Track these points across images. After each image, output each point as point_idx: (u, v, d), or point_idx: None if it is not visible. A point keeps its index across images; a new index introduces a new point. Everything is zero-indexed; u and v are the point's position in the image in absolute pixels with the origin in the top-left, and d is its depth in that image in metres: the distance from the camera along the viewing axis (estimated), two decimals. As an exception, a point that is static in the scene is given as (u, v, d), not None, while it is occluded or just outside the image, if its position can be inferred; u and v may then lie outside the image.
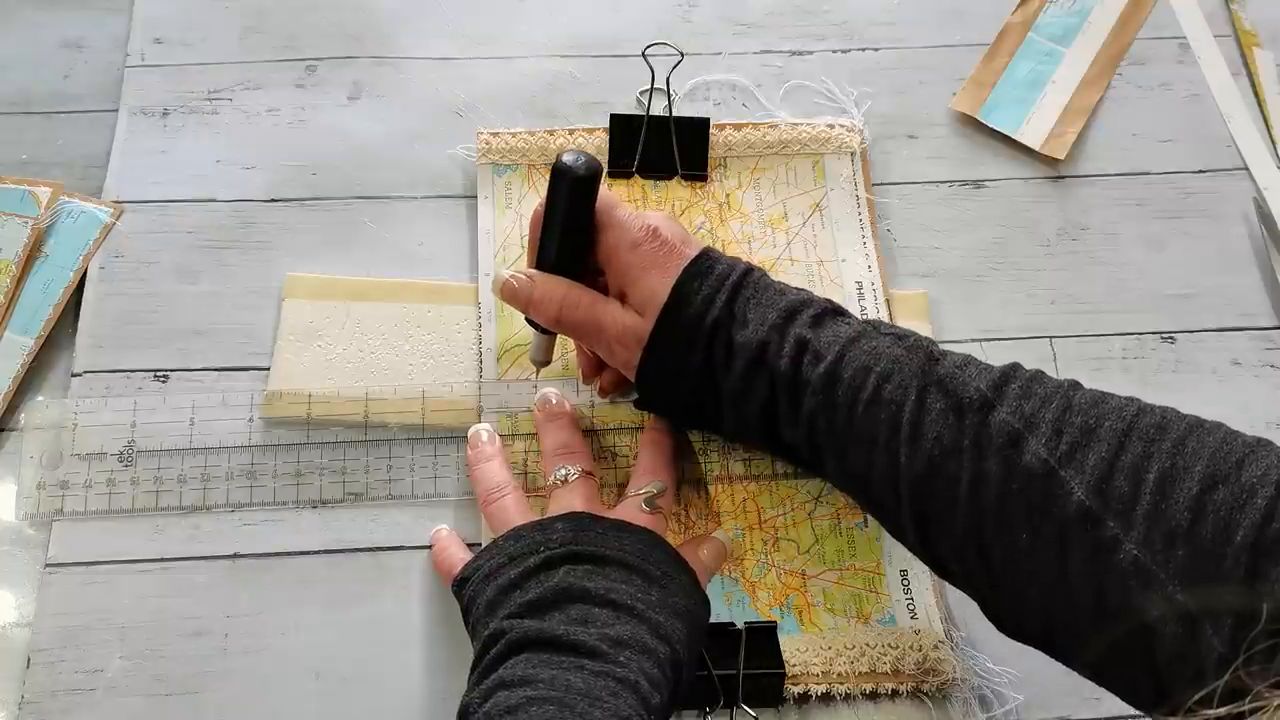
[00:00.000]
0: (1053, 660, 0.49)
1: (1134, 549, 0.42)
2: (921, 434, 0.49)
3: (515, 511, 0.58)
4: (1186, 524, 0.42)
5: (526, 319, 0.61)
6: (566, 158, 0.57)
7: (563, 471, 0.59)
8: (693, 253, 0.57)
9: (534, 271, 0.59)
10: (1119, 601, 0.43)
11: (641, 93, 0.73)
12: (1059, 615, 0.46)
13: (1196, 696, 0.35)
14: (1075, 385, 0.49)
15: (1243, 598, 0.39)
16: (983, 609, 0.51)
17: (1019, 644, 0.50)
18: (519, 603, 0.51)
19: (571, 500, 0.57)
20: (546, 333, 0.61)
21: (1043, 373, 0.50)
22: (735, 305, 0.56)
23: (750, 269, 0.57)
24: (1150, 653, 0.42)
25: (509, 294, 0.59)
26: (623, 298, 0.58)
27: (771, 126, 0.74)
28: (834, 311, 0.56)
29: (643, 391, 0.60)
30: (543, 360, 0.63)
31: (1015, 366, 0.51)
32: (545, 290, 0.58)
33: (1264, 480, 0.42)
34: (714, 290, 0.56)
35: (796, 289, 0.57)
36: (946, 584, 0.60)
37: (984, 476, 0.47)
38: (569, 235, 0.58)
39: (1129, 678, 0.45)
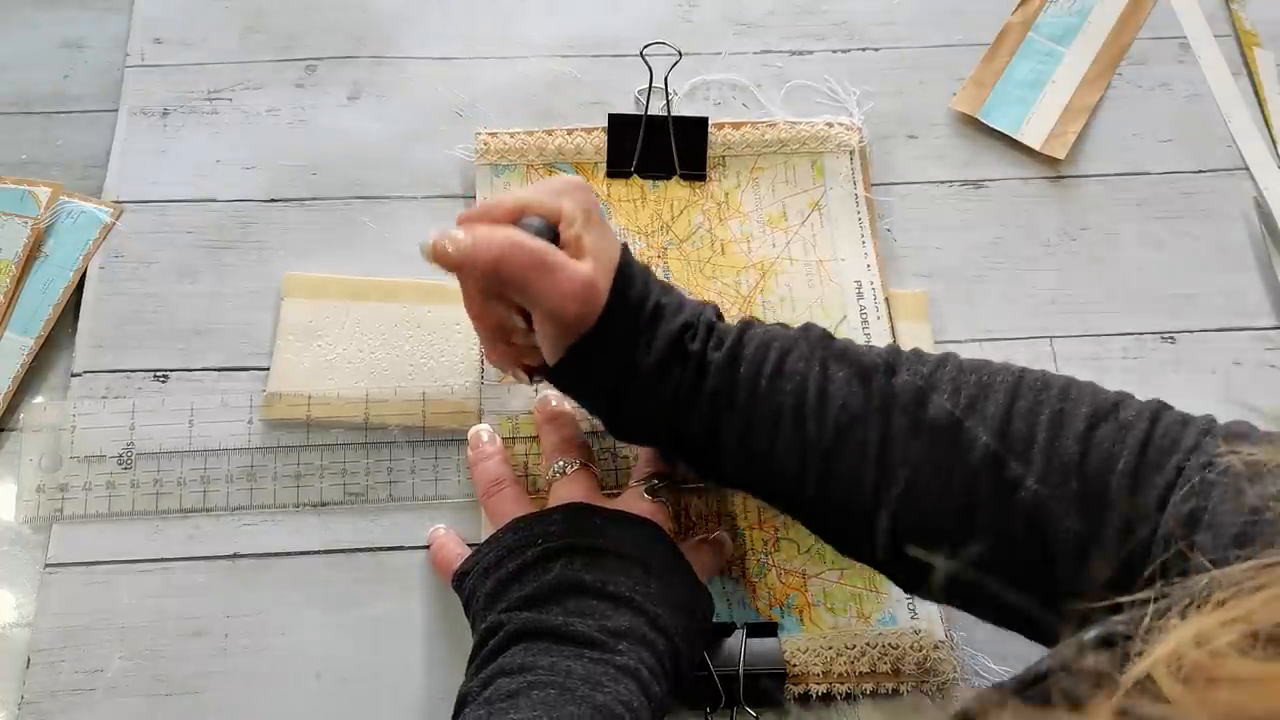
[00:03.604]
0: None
1: (1034, 484, 0.46)
2: (828, 401, 0.50)
3: (514, 504, 0.58)
4: (1077, 457, 0.46)
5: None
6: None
7: (560, 463, 0.59)
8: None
9: (467, 225, 0.52)
10: (1029, 537, 0.46)
11: (639, 91, 0.73)
12: (970, 568, 0.47)
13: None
14: (955, 354, 0.52)
15: (1125, 520, 0.44)
16: (893, 578, 0.53)
17: (1020, 644, 0.50)
18: (517, 596, 0.51)
19: (571, 492, 0.57)
20: (531, 383, 0.59)
21: (919, 350, 0.52)
22: (663, 297, 0.54)
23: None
24: (1052, 578, 0.45)
25: (440, 256, 0.50)
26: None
27: (770, 125, 0.74)
28: (719, 312, 0.56)
29: (569, 364, 0.53)
30: (504, 374, 0.61)
31: (895, 346, 0.53)
32: (487, 233, 0.50)
33: (1138, 417, 0.47)
34: (647, 275, 0.54)
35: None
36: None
37: (891, 434, 0.49)
38: None
39: (1045, 613, 0.46)
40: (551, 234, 0.52)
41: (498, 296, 0.53)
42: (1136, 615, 0.34)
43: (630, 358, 0.52)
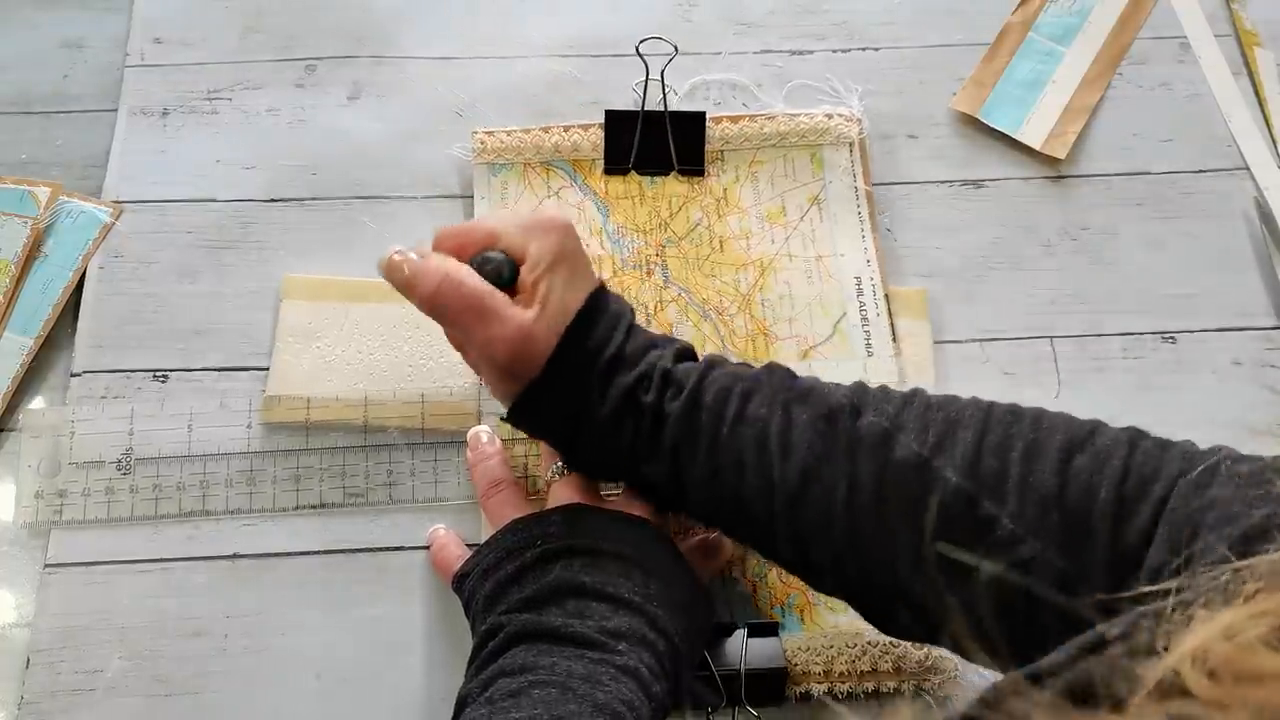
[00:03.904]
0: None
1: (1009, 524, 0.44)
2: (792, 446, 0.49)
3: (513, 505, 0.58)
4: (1056, 490, 0.44)
5: None
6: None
7: (560, 465, 0.59)
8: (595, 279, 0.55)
9: (424, 250, 0.54)
10: (1000, 575, 0.44)
11: (636, 84, 0.73)
12: (942, 614, 0.46)
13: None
14: (922, 391, 0.50)
15: (1111, 552, 0.42)
16: (863, 614, 0.51)
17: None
18: (517, 597, 0.51)
19: (570, 493, 0.57)
20: None
21: (886, 387, 0.51)
22: (625, 347, 0.53)
23: (631, 311, 0.55)
24: (1035, 614, 0.43)
25: (392, 271, 0.53)
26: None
27: (769, 118, 0.73)
28: (688, 352, 0.55)
29: (517, 407, 0.54)
30: None
31: (862, 384, 0.52)
32: (425, 266, 0.52)
33: (1115, 444, 0.45)
34: (616, 321, 0.54)
35: (660, 334, 0.56)
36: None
37: (859, 478, 0.48)
38: None
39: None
40: (513, 271, 0.53)
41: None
42: (1158, 608, 0.33)
43: (581, 406, 0.53)
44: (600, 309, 0.53)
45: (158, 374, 0.65)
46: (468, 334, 0.53)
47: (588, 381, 0.52)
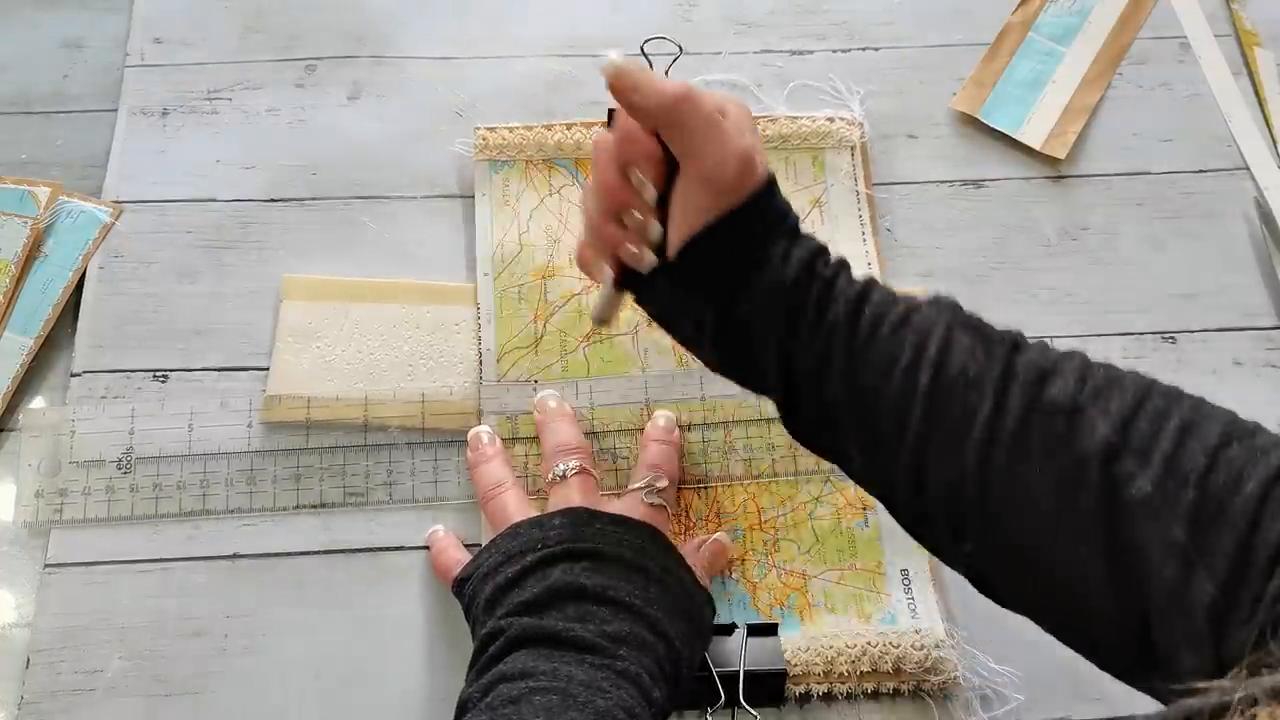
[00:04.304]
0: (1054, 660, 0.49)
1: (1147, 486, 0.42)
2: (947, 361, 0.47)
3: (514, 508, 0.58)
4: (1201, 470, 0.42)
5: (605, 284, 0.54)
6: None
7: (561, 467, 0.59)
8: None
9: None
10: (1125, 535, 0.42)
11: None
12: (1052, 557, 0.44)
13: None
14: (1083, 352, 0.49)
15: (1241, 544, 0.40)
16: (963, 562, 0.49)
17: (1021, 644, 0.50)
18: (517, 601, 0.51)
19: (570, 495, 0.57)
20: (618, 289, 0.55)
21: (1045, 342, 0.49)
22: (799, 227, 0.53)
23: None
24: (1144, 594, 0.42)
25: (622, 75, 0.49)
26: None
27: (771, 120, 0.73)
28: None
29: (701, 244, 0.51)
30: (606, 318, 0.56)
31: (1022, 332, 0.50)
32: (669, 80, 0.50)
33: (1277, 445, 0.42)
34: (790, 206, 0.53)
35: None
36: (947, 583, 0.60)
37: (1006, 406, 0.46)
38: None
39: (1118, 630, 0.43)
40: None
41: (625, 173, 0.52)
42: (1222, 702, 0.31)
43: (763, 256, 0.50)
44: (777, 184, 0.52)
45: (158, 374, 0.65)
46: (702, 146, 0.50)
47: (778, 231, 0.51)
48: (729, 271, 0.51)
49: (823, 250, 0.51)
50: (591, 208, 0.54)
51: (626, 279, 0.54)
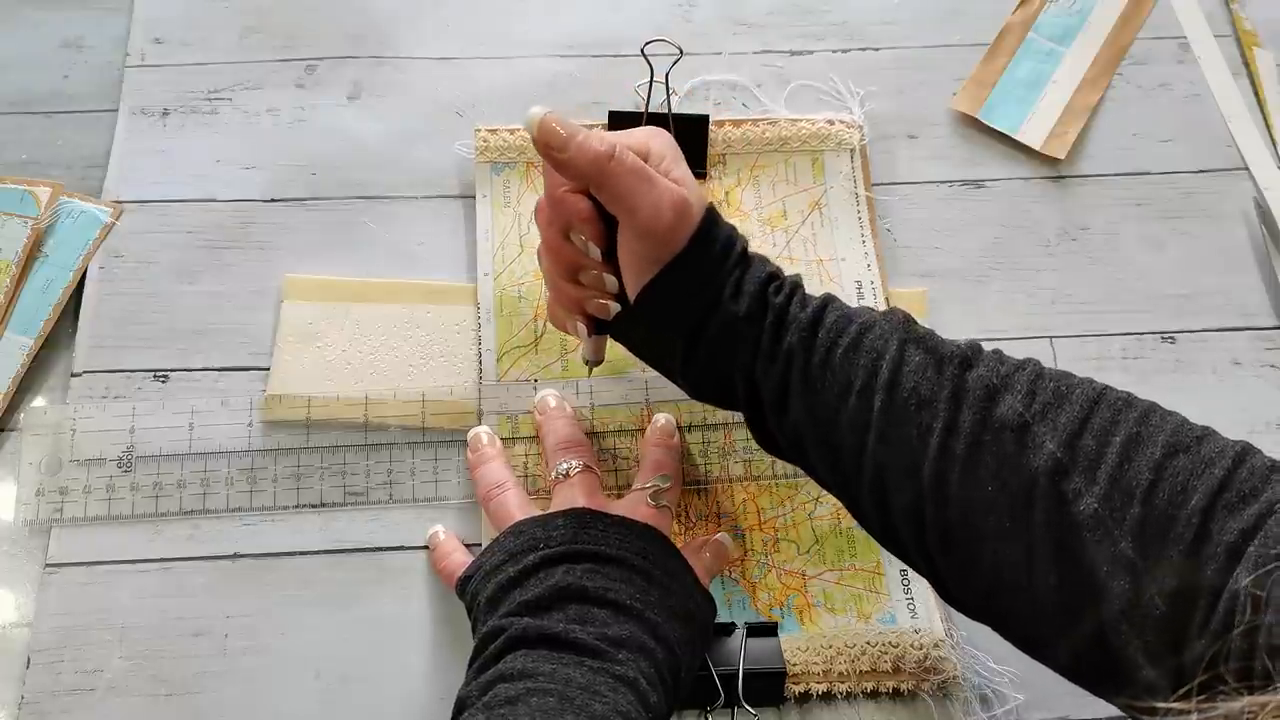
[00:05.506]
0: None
1: (1094, 503, 0.43)
2: (899, 382, 0.49)
3: (516, 507, 0.58)
4: (1146, 485, 0.43)
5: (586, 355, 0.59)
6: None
7: (564, 466, 0.59)
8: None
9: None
10: (1076, 552, 0.43)
11: (639, 86, 0.73)
12: (1009, 574, 0.45)
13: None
14: (1037, 361, 0.50)
15: (1188, 556, 0.40)
16: (930, 577, 0.50)
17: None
18: (518, 601, 0.51)
19: (573, 495, 0.57)
20: (600, 332, 0.58)
21: (1001, 351, 0.51)
22: (748, 249, 0.54)
23: None
24: (1098, 609, 0.42)
25: (548, 132, 0.50)
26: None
27: (771, 123, 0.73)
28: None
29: (653, 291, 0.53)
30: (598, 359, 0.60)
31: (977, 342, 0.51)
32: (590, 133, 0.50)
33: (1221, 454, 0.43)
34: (732, 229, 0.54)
35: None
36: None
37: (957, 426, 0.47)
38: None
39: (1075, 644, 0.44)
40: None
41: (568, 235, 0.54)
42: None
43: (715, 294, 0.52)
44: (716, 212, 0.54)
45: (158, 374, 0.65)
46: (635, 201, 0.50)
47: (725, 267, 0.52)
48: (686, 311, 0.53)
49: (774, 275, 0.53)
50: (548, 270, 0.56)
51: (599, 325, 0.57)
